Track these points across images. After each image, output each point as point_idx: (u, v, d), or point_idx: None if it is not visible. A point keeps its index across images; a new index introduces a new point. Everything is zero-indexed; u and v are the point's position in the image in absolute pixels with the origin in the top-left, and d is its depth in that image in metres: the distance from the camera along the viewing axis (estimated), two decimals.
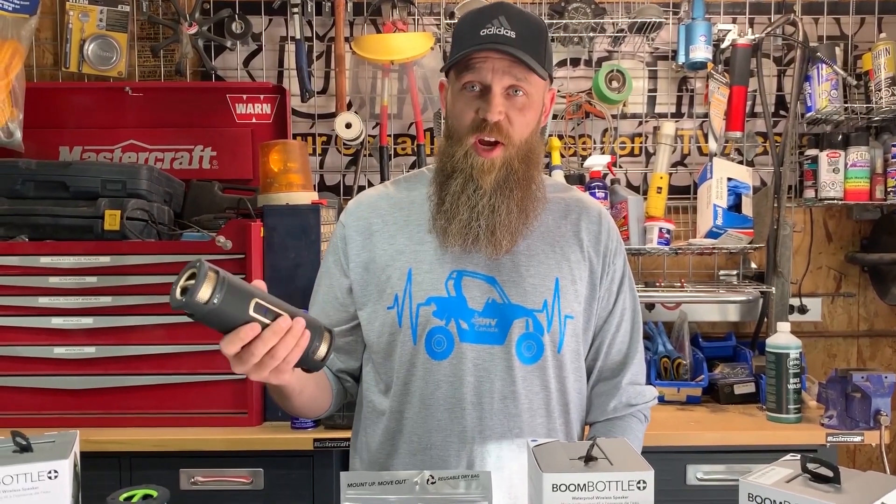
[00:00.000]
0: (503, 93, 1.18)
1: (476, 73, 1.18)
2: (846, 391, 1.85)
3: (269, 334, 0.97)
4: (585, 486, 0.82)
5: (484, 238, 1.20)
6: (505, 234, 1.21)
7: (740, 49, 2.29)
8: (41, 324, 1.90)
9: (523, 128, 1.21)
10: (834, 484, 0.78)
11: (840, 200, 2.29)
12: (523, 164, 1.21)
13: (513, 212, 1.21)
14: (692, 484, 1.87)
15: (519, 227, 1.22)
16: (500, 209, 1.20)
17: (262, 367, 1.00)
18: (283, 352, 0.99)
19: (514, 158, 1.20)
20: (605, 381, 1.34)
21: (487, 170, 1.19)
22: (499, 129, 1.18)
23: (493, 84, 1.17)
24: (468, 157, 1.20)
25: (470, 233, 1.20)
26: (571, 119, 2.47)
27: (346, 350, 1.32)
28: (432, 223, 1.25)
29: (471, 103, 1.20)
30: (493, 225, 1.20)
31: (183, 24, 2.33)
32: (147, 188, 2.02)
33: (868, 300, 2.51)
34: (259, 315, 0.96)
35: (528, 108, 1.21)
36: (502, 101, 1.18)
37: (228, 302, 0.92)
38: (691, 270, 2.47)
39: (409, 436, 1.25)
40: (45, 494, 0.85)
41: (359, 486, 0.88)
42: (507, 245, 1.21)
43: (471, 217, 1.20)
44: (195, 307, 0.90)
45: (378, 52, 2.32)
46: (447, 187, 1.22)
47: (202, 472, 1.83)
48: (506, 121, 1.19)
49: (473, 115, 1.19)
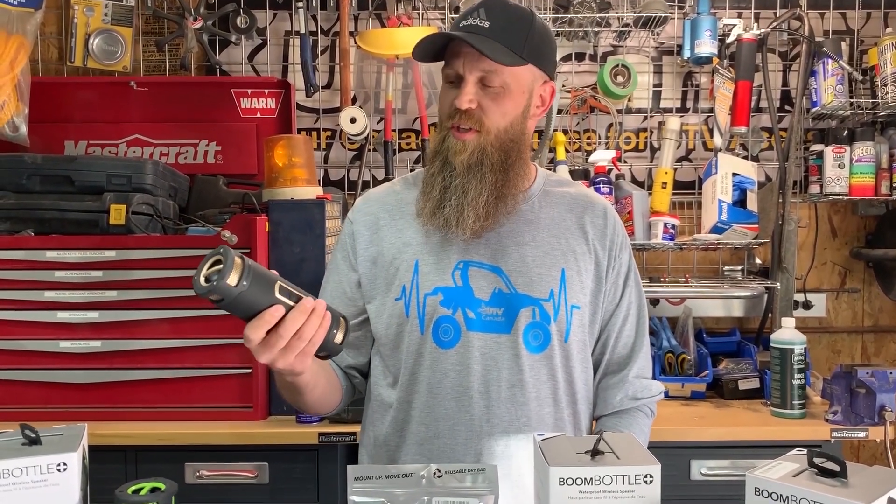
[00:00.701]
0: (476, 82, 1.21)
1: (451, 65, 1.24)
2: (851, 387, 1.85)
3: (296, 314, 0.98)
4: (592, 480, 0.82)
5: (453, 217, 1.23)
6: (471, 214, 1.22)
7: (746, 44, 2.28)
8: (47, 318, 1.91)
9: (499, 117, 1.23)
10: (841, 478, 0.78)
11: (845, 196, 2.28)
12: (500, 152, 1.24)
13: (483, 194, 1.23)
14: (696, 479, 1.87)
15: (491, 211, 1.24)
16: (469, 190, 1.22)
17: (288, 350, 1.01)
18: (310, 331, 1.00)
19: (489, 145, 1.23)
20: (612, 374, 1.35)
21: (459, 150, 1.22)
22: (469, 116, 1.22)
23: (465, 73, 1.22)
24: (445, 141, 1.24)
25: (440, 212, 1.24)
26: (576, 114, 2.47)
27: (355, 345, 1.33)
28: (417, 209, 1.28)
29: (448, 93, 1.25)
30: (462, 205, 1.22)
31: (188, 19, 2.33)
32: (152, 183, 2.02)
33: (873, 296, 2.51)
34: (284, 297, 0.98)
35: (504, 97, 1.23)
36: (474, 90, 1.21)
37: (255, 286, 0.94)
38: (696, 266, 2.47)
39: (417, 426, 1.26)
40: (54, 487, 0.85)
41: (365, 480, 0.88)
42: (472, 226, 1.23)
43: (443, 197, 1.24)
44: (224, 291, 0.92)
45: (383, 46, 2.32)
46: (429, 170, 1.27)
47: (207, 466, 1.83)
48: (478, 109, 1.22)
49: (450, 104, 1.23)
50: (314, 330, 1.00)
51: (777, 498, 0.78)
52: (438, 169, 1.25)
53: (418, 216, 1.28)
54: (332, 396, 1.30)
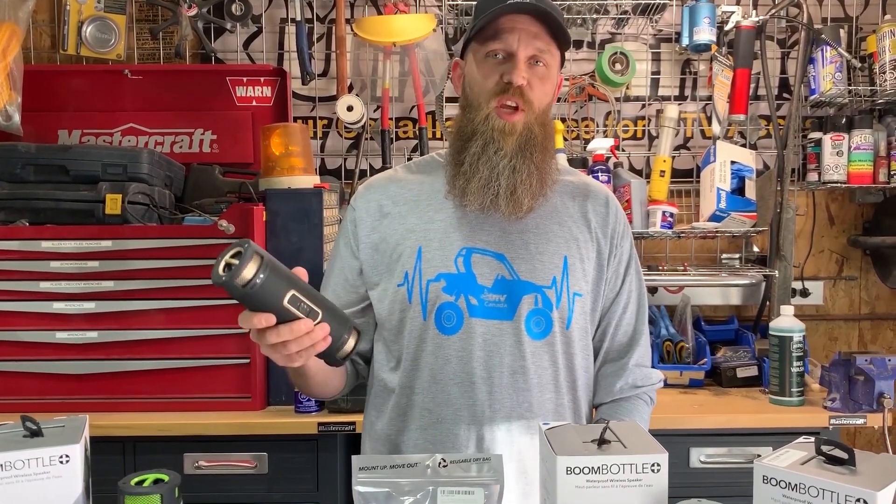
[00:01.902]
0: (526, 60, 1.21)
1: (501, 41, 1.21)
2: (849, 374, 1.86)
3: (284, 331, 0.98)
4: (599, 468, 0.82)
5: (504, 196, 1.22)
6: (526, 193, 1.22)
7: (744, 31, 2.27)
8: (43, 309, 1.89)
9: (542, 97, 1.24)
10: (849, 466, 0.78)
11: (843, 184, 2.28)
12: (542, 132, 1.24)
13: (533, 174, 1.23)
14: (695, 467, 1.88)
15: (538, 191, 1.24)
16: (520, 170, 1.22)
17: (273, 351, 1.03)
18: (295, 348, 1.01)
19: (535, 124, 1.23)
20: (612, 362, 1.35)
21: (509, 132, 1.21)
22: (521, 93, 1.21)
23: (519, 51, 1.20)
24: (489, 121, 1.22)
25: (489, 191, 1.22)
26: (574, 102, 2.45)
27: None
28: (450, 186, 1.26)
29: (495, 69, 1.22)
30: (514, 184, 1.22)
31: (182, 6, 2.30)
32: (148, 172, 2.00)
33: (870, 283, 2.51)
34: (292, 307, 0.97)
35: (547, 78, 1.24)
36: (525, 68, 1.21)
37: (266, 287, 0.94)
38: (694, 254, 2.47)
39: (420, 411, 1.26)
40: (56, 479, 0.84)
41: (370, 470, 0.88)
42: (527, 204, 1.23)
43: (490, 176, 1.22)
44: (233, 286, 0.92)
45: (379, 33, 2.30)
46: (466, 150, 1.24)
47: (206, 457, 1.83)
48: (528, 87, 1.21)
49: (497, 80, 1.22)
50: (300, 348, 1.01)
51: (785, 486, 0.78)
52: (481, 149, 1.22)
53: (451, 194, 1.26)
54: (335, 382, 1.31)
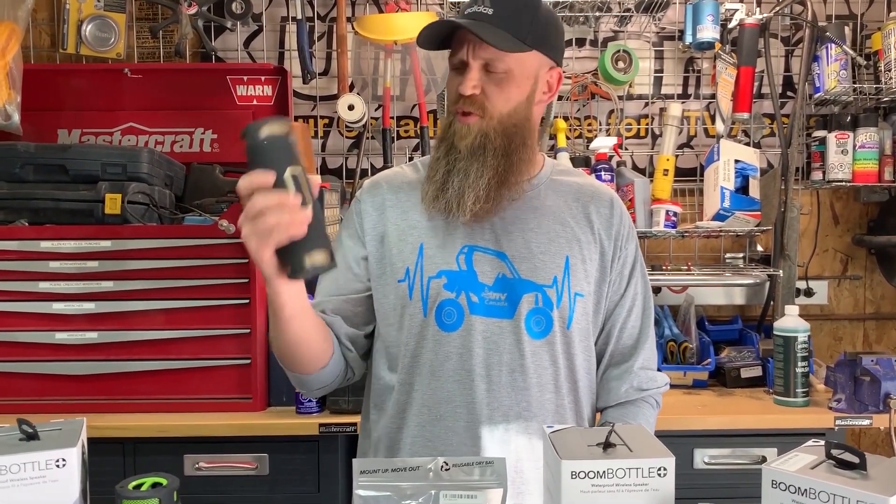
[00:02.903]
0: (480, 68, 1.22)
1: (455, 52, 1.24)
2: (855, 374, 1.84)
3: (270, 196, 0.96)
4: (605, 473, 0.80)
5: (454, 199, 1.23)
6: (471, 195, 1.22)
7: (748, 29, 2.26)
8: (42, 309, 1.88)
9: (502, 102, 1.23)
10: (860, 470, 0.76)
11: (848, 182, 2.27)
12: (503, 137, 1.24)
13: (483, 176, 1.23)
14: (699, 468, 1.86)
15: (492, 194, 1.24)
16: (470, 172, 1.23)
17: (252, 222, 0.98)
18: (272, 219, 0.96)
19: (492, 129, 1.23)
20: (617, 365, 1.34)
21: (464, 134, 1.23)
22: (472, 101, 1.22)
23: (469, 60, 1.22)
24: (451, 126, 1.25)
25: (442, 195, 1.24)
26: (577, 100, 2.44)
27: (352, 319, 1.30)
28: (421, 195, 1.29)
29: (454, 80, 1.25)
30: (463, 187, 1.23)
31: (182, 5, 2.28)
32: (148, 171, 1.99)
33: (875, 283, 2.49)
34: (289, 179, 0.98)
35: (508, 82, 1.23)
36: (478, 77, 1.22)
37: (278, 149, 0.97)
38: (697, 253, 2.46)
39: (419, 408, 1.25)
40: (53, 483, 0.83)
41: (372, 474, 0.86)
42: (471, 207, 1.23)
43: (445, 180, 1.24)
44: (254, 133, 0.97)
45: (381, 32, 2.28)
46: (434, 156, 1.28)
47: (206, 458, 1.82)
48: (482, 95, 1.22)
49: (455, 90, 1.24)
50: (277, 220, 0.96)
51: (795, 491, 0.76)
52: (444, 153, 1.26)
53: (422, 201, 1.28)
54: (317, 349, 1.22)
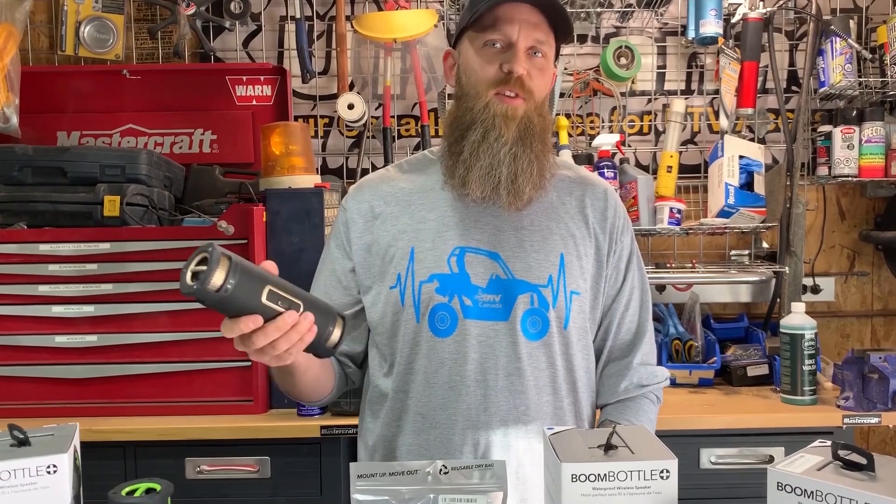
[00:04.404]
0: (526, 51, 1.19)
1: (500, 31, 1.19)
2: (863, 372, 1.82)
3: (271, 329, 0.94)
4: (606, 476, 0.78)
5: (505, 185, 1.19)
6: (527, 182, 1.19)
7: (751, 23, 2.23)
8: (41, 312, 1.87)
9: (541, 88, 1.22)
10: (868, 471, 0.74)
11: (854, 177, 2.24)
12: (541, 122, 1.21)
13: (533, 163, 1.20)
14: (706, 468, 1.84)
15: (538, 181, 1.21)
16: (521, 158, 1.19)
17: (262, 353, 0.99)
18: (285, 345, 0.97)
19: (535, 115, 1.20)
20: (616, 361, 1.32)
21: (511, 117, 1.18)
22: (521, 83, 1.18)
23: (519, 40, 1.18)
24: (490, 107, 1.19)
25: (491, 179, 1.19)
26: (579, 97, 2.42)
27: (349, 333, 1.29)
28: (449, 175, 1.23)
29: (493, 58, 1.20)
30: (515, 172, 1.19)
31: (180, 5, 2.27)
32: (147, 173, 1.98)
33: (882, 279, 2.47)
34: (271, 303, 0.93)
35: (545, 69, 1.22)
36: (525, 58, 1.18)
37: (241, 289, 0.89)
38: (702, 251, 2.43)
39: (414, 415, 1.23)
40: (43, 490, 0.82)
41: (369, 478, 0.84)
42: (529, 194, 1.20)
43: (492, 164, 1.18)
44: (206, 294, 0.87)
45: (380, 30, 2.27)
46: (466, 138, 1.20)
47: (208, 461, 1.80)
48: (528, 77, 1.19)
49: (496, 70, 1.19)
50: (290, 343, 0.96)
51: (801, 493, 0.74)
52: (481, 136, 1.19)
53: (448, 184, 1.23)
54: (325, 383, 1.27)
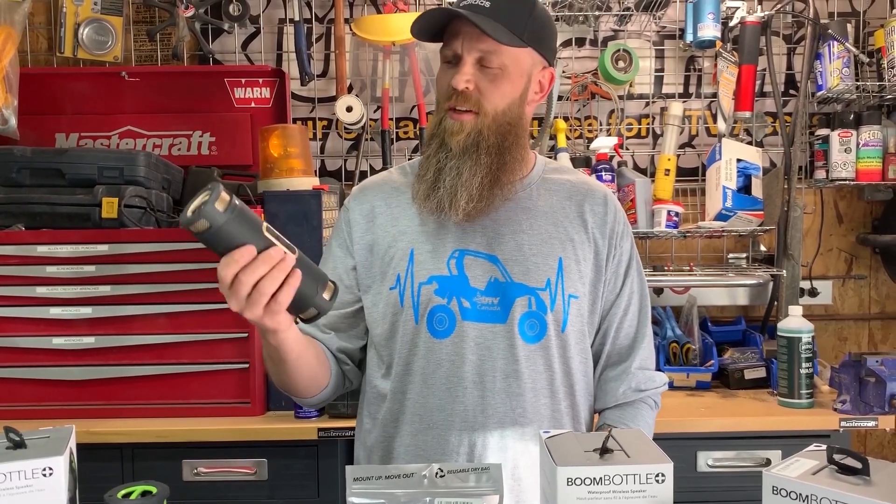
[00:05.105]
0: (474, 63, 1.19)
1: (449, 44, 1.21)
2: (860, 375, 1.82)
3: (258, 262, 0.93)
4: (602, 479, 0.78)
5: (446, 198, 1.20)
6: (464, 195, 1.20)
7: (749, 27, 2.23)
8: (39, 314, 1.87)
9: (497, 98, 1.20)
10: (863, 476, 0.74)
11: (852, 181, 2.24)
12: (496, 135, 1.21)
13: (477, 175, 1.20)
14: (703, 471, 1.84)
15: (485, 193, 1.21)
16: (463, 171, 1.20)
17: (252, 302, 0.96)
18: (270, 286, 0.94)
19: (486, 127, 1.20)
20: (614, 366, 1.32)
21: (456, 131, 1.20)
22: (466, 97, 1.19)
23: (463, 53, 1.19)
24: (442, 122, 1.22)
25: (434, 194, 1.21)
26: (577, 100, 2.42)
27: (346, 330, 1.30)
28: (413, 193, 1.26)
29: (446, 74, 1.22)
30: (456, 186, 1.20)
31: (179, 7, 2.27)
32: (145, 175, 1.98)
33: (880, 282, 2.47)
34: (270, 237, 0.95)
35: (501, 79, 1.20)
36: (471, 71, 1.19)
37: (238, 220, 0.91)
38: (700, 254, 2.44)
39: (411, 416, 1.24)
40: (39, 492, 0.82)
41: (365, 481, 0.84)
42: (464, 207, 1.20)
43: (437, 178, 1.21)
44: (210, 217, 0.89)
45: (379, 33, 2.27)
46: (425, 153, 1.25)
47: (205, 463, 1.80)
48: (476, 91, 1.19)
49: (447, 85, 1.20)
50: (275, 284, 0.95)
51: (796, 497, 0.74)
52: (434, 151, 1.22)
53: (413, 200, 1.26)
54: (319, 375, 1.24)
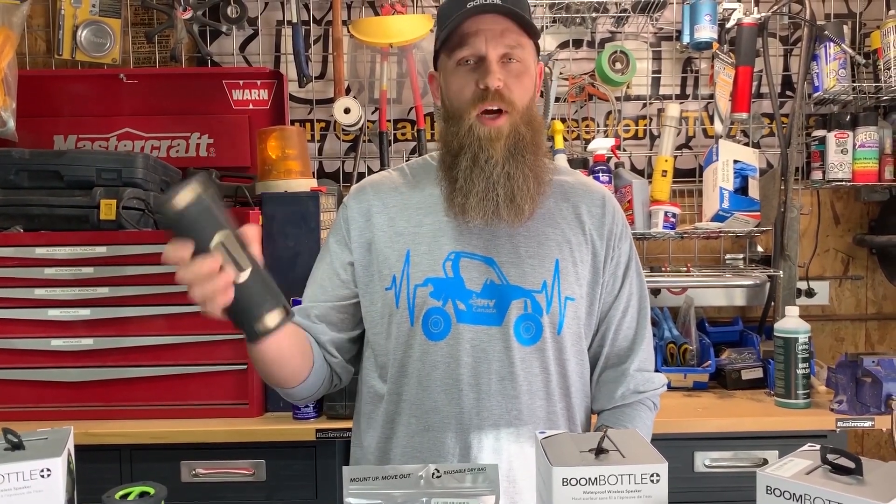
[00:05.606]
0: (499, 61, 1.18)
1: (469, 47, 1.19)
2: (857, 376, 1.82)
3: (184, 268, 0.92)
4: (597, 479, 0.79)
5: (504, 206, 1.19)
6: (525, 199, 1.20)
7: (746, 28, 2.24)
8: (37, 316, 1.87)
9: (523, 94, 1.21)
10: (856, 475, 0.75)
11: (848, 182, 2.25)
12: (529, 130, 1.21)
13: (528, 177, 1.20)
14: (700, 471, 1.85)
15: (536, 193, 1.22)
16: (515, 175, 1.19)
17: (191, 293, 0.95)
18: (198, 293, 0.93)
19: (520, 125, 1.20)
20: (612, 367, 1.32)
21: (495, 138, 1.18)
22: (500, 96, 1.18)
23: (489, 52, 1.17)
24: (473, 131, 1.19)
25: (489, 203, 1.19)
26: (574, 102, 2.43)
27: (337, 325, 1.29)
28: (449, 203, 1.23)
29: (468, 77, 1.19)
30: (512, 191, 1.19)
31: (177, 9, 2.28)
32: (143, 177, 1.98)
33: (876, 283, 2.48)
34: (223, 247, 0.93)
35: (525, 74, 1.21)
36: (499, 69, 1.18)
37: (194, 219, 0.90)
38: (697, 255, 2.44)
39: (408, 418, 1.24)
40: (37, 494, 0.82)
41: (362, 482, 0.85)
42: (529, 210, 1.21)
43: (487, 187, 1.19)
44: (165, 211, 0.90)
45: (376, 35, 2.27)
46: (457, 165, 1.21)
47: (203, 465, 1.81)
48: (506, 88, 1.18)
49: (474, 88, 1.18)
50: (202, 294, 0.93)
51: (790, 497, 0.75)
52: (472, 161, 1.19)
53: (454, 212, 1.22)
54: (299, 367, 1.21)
